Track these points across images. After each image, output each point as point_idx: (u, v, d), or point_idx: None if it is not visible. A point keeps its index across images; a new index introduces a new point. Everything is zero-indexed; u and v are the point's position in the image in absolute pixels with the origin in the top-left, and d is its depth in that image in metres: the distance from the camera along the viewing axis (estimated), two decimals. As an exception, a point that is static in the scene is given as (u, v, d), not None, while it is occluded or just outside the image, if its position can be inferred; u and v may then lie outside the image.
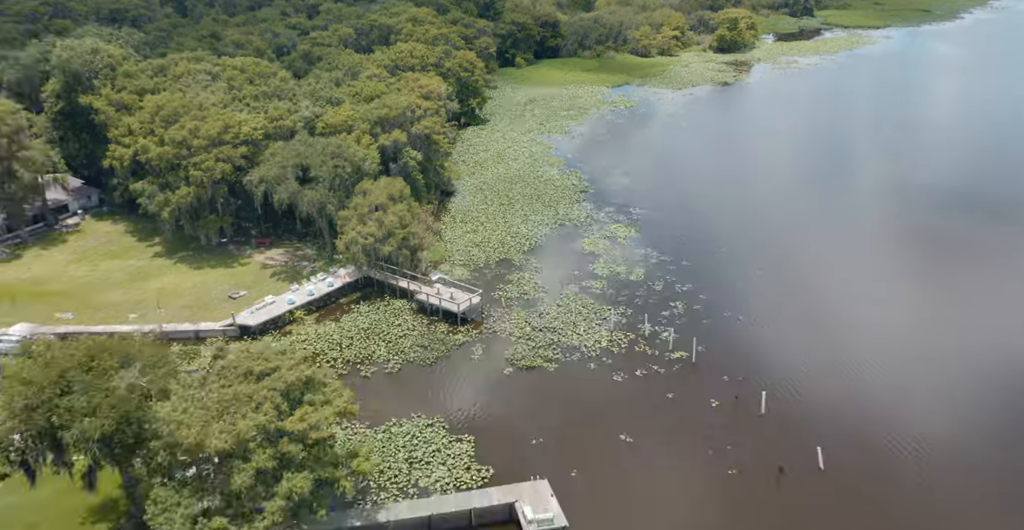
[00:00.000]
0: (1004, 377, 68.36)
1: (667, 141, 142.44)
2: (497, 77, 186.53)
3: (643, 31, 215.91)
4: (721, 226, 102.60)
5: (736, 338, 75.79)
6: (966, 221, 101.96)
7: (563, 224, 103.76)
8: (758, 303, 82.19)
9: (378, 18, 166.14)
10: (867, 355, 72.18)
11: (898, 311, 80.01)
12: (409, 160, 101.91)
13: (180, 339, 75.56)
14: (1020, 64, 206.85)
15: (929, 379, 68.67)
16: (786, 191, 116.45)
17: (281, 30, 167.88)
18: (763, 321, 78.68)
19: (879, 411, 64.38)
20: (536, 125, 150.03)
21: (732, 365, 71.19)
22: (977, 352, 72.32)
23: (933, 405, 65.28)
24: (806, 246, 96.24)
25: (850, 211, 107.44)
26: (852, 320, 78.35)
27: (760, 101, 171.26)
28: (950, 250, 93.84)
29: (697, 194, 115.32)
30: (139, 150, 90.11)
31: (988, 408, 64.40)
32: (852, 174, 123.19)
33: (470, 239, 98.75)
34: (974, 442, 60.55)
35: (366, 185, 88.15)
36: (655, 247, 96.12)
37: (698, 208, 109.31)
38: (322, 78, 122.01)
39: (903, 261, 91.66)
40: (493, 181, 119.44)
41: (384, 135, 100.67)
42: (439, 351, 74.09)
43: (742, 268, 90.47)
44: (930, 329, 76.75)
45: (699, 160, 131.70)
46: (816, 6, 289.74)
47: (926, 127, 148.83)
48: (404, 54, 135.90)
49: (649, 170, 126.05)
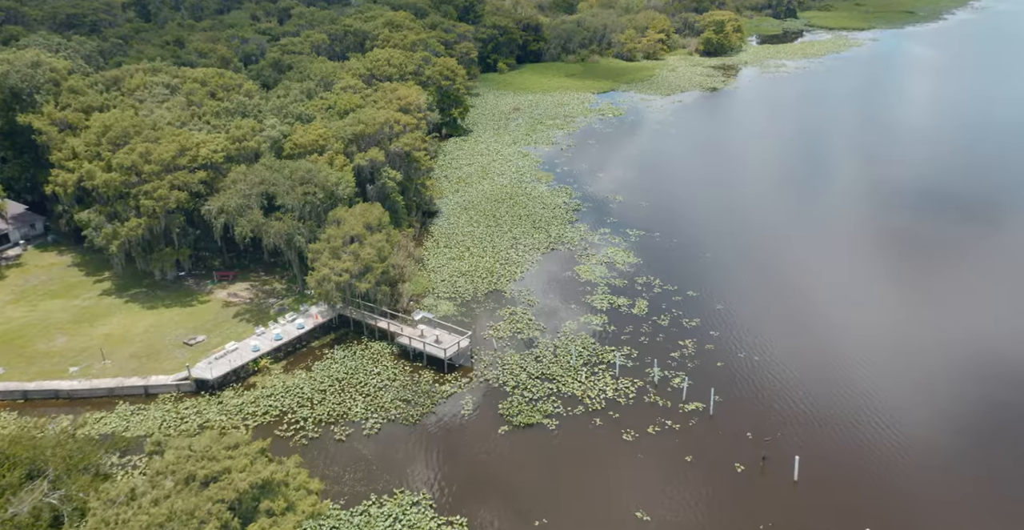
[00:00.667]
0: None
1: (660, 152, 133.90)
2: (479, 83, 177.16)
3: (628, 34, 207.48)
4: (726, 248, 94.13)
5: (756, 384, 67.18)
6: (978, 227, 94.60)
7: (556, 248, 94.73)
8: (775, 340, 73.70)
9: (353, 23, 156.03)
10: (915, 405, 64.00)
11: (942, 351, 72.06)
12: (387, 181, 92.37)
13: (127, 396, 65.67)
14: (1006, 65, 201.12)
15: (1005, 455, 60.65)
16: (791, 206, 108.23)
17: (250, 36, 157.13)
18: (783, 362, 70.19)
19: (937, 475, 56.17)
20: (522, 135, 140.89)
21: (755, 418, 62.58)
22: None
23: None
24: (822, 270, 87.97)
25: (864, 226, 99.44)
26: (883, 360, 70.19)
27: (752, 107, 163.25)
28: (976, 270, 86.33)
29: (696, 211, 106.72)
30: (84, 176, 79.72)
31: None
32: (855, 185, 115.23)
33: (455, 267, 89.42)
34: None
35: (340, 213, 78.51)
36: (657, 273, 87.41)
37: (699, 227, 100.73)
38: (292, 90, 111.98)
39: (935, 291, 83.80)
40: (478, 199, 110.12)
41: (360, 154, 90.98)
42: (424, 406, 64.78)
43: (753, 298, 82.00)
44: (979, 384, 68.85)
45: (695, 172, 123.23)
46: (799, 7, 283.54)
47: (921, 132, 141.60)
48: (381, 62, 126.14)
49: (643, 184, 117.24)
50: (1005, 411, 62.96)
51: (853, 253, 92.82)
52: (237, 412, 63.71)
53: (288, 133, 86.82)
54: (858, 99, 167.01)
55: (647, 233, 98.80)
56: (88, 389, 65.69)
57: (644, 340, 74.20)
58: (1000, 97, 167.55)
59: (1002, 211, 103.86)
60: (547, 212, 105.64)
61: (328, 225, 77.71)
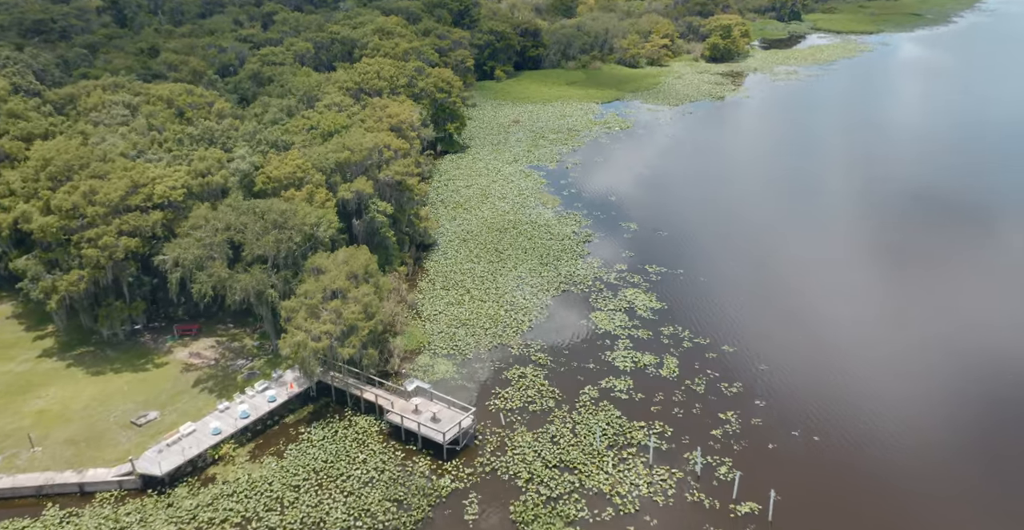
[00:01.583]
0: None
1: (674, 170, 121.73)
2: (475, 92, 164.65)
3: (631, 40, 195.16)
4: (762, 290, 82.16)
5: (819, 476, 55.26)
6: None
7: (567, 290, 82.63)
8: (834, 413, 61.81)
9: (340, 30, 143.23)
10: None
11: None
12: (376, 215, 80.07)
13: (58, 496, 53.29)
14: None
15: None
16: (833, 237, 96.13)
17: (229, 43, 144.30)
18: (846, 443, 58.31)
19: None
20: (523, 152, 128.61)
21: (826, 526, 50.74)
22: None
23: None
24: (882, 319, 76.15)
25: (931, 265, 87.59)
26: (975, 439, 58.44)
27: (768, 118, 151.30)
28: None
29: (722, 242, 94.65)
30: (20, 217, 67.13)
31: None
32: (905, 208, 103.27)
33: (454, 315, 77.23)
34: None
35: (320, 260, 66.12)
36: (685, 322, 75.41)
37: (727, 263, 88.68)
38: (271, 107, 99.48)
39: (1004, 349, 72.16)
40: (479, 228, 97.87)
41: (344, 186, 78.58)
42: (419, 509, 52.57)
43: (801, 357, 70.05)
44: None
45: (715, 194, 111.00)
46: (803, 10, 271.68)
47: (954, 144, 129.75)
48: (370, 75, 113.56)
49: (660, 209, 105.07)
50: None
51: (923, 296, 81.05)
52: (191, 519, 51.43)
53: (261, 165, 74.24)
54: (880, 109, 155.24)
55: (669, 270, 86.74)
56: (10, 488, 53.34)
57: (678, 412, 62.18)
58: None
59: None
60: (555, 243, 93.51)
61: (306, 275, 65.38)
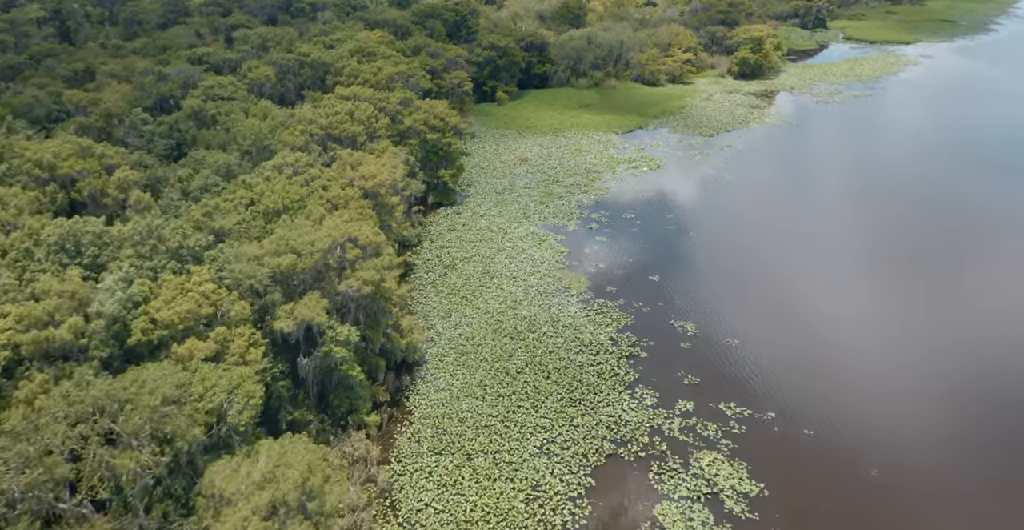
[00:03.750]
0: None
1: (728, 233, 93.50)
2: (474, 118, 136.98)
3: (650, 54, 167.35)
4: (914, 461, 55.10)
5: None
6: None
7: (614, 453, 55.39)
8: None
9: (311, 51, 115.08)
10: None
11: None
12: (333, 349, 52.75)
13: None
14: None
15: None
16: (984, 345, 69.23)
17: (179, 65, 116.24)
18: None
19: None
20: (534, 204, 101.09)
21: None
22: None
23: None
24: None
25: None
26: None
27: (828, 154, 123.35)
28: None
29: (824, 358, 67.25)
30: None
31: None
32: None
33: (449, 511, 49.92)
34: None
35: (224, 476, 38.79)
36: (805, 523, 48.44)
37: (844, 404, 61.28)
38: (205, 167, 72.09)
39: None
40: (482, 333, 70.48)
41: (283, 312, 51.14)
42: None
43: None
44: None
45: (792, 272, 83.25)
46: (827, 16, 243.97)
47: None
48: (341, 117, 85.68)
49: (722, 299, 77.09)
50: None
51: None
52: None
53: (143, 298, 46.45)
54: (958, 141, 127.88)
55: (757, 414, 59.44)
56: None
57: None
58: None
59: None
60: (588, 359, 66.29)
61: (199, 512, 37.99)
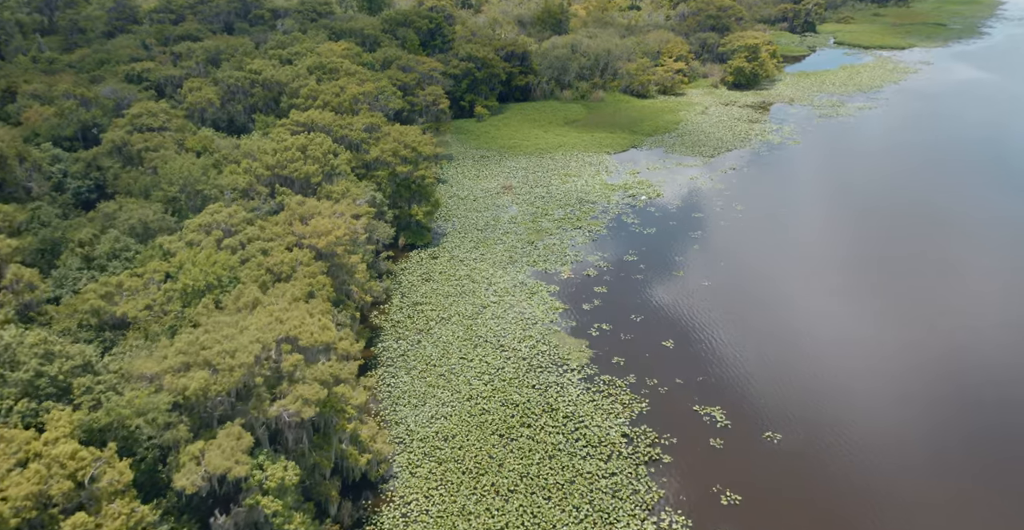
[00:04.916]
0: None
1: (747, 281, 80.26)
2: (450, 137, 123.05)
3: (639, 64, 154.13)
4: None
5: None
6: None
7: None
8: None
9: (264, 68, 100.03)
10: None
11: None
12: (262, 500, 38.61)
13: None
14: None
15: None
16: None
17: (115, 84, 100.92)
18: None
19: None
20: (521, 244, 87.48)
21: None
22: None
23: None
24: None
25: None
26: None
27: (839, 177, 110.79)
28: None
29: (897, 456, 54.54)
30: None
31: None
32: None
33: None
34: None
35: None
36: None
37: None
38: (116, 225, 57.55)
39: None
40: (464, 429, 56.67)
41: (190, 453, 36.96)
42: None
43: None
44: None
45: (834, 331, 70.11)
46: (816, 20, 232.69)
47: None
48: (292, 153, 71.10)
49: (754, 376, 63.31)
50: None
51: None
52: None
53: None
54: (982, 159, 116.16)
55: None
56: None
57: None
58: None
59: None
60: (597, 468, 52.79)
61: None
